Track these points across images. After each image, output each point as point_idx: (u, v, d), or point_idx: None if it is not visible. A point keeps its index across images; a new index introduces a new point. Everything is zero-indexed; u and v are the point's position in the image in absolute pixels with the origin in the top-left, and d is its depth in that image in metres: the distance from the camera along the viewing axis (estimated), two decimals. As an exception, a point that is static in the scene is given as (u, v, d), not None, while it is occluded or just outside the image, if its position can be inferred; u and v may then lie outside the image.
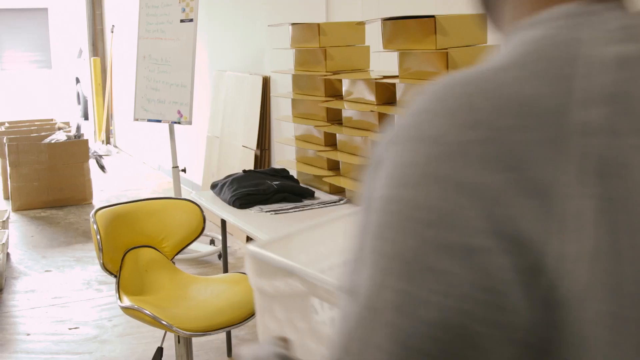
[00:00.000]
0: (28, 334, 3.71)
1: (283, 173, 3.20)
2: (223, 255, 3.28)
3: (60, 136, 6.58)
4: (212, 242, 5.03)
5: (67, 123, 7.55)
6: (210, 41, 6.17)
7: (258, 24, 5.19)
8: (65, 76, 15.69)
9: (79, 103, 13.16)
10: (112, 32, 9.52)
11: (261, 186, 2.91)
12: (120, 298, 2.59)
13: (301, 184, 3.11)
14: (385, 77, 2.84)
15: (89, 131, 10.02)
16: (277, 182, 2.98)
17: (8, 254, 4.97)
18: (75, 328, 3.78)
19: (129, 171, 8.26)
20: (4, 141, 6.34)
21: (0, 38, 20.88)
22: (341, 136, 3.06)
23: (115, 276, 2.68)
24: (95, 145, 9.58)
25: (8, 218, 5.22)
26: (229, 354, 3.40)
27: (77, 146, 6.49)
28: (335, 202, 2.94)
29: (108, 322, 3.83)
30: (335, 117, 3.15)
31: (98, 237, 2.66)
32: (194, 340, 3.32)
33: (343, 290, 0.56)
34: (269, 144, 5.06)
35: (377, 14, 3.81)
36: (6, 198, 6.68)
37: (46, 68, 20.89)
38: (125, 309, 2.54)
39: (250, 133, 5.03)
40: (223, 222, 3.15)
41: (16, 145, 6.24)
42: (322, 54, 3.21)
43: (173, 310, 2.53)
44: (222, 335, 3.49)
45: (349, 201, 2.95)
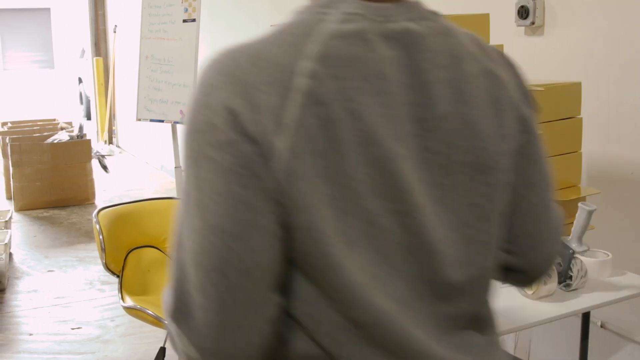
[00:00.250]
0: (31, 334, 3.72)
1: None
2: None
3: (62, 136, 6.58)
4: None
5: (70, 123, 7.55)
6: (212, 41, 6.17)
7: (260, 24, 5.19)
8: (67, 76, 15.69)
9: (82, 103, 13.18)
10: (115, 32, 9.53)
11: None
12: (122, 298, 2.59)
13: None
14: (387, 77, 2.84)
15: (92, 131, 10.02)
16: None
17: (11, 254, 4.97)
18: (77, 328, 3.78)
19: (132, 171, 8.26)
20: (7, 141, 6.35)
21: (2, 38, 20.90)
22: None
23: (117, 276, 2.68)
24: (97, 145, 9.58)
25: (11, 218, 5.22)
26: (232, 354, 3.41)
27: (80, 146, 6.50)
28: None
29: (110, 322, 3.84)
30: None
31: (101, 237, 2.67)
32: (197, 340, 3.33)
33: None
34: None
35: (380, 14, 3.82)
36: (9, 198, 6.69)
37: (49, 68, 20.90)
38: (127, 309, 2.55)
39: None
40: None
41: (19, 145, 6.25)
42: (325, 54, 3.21)
43: (175, 310, 2.54)
44: (225, 335, 3.49)
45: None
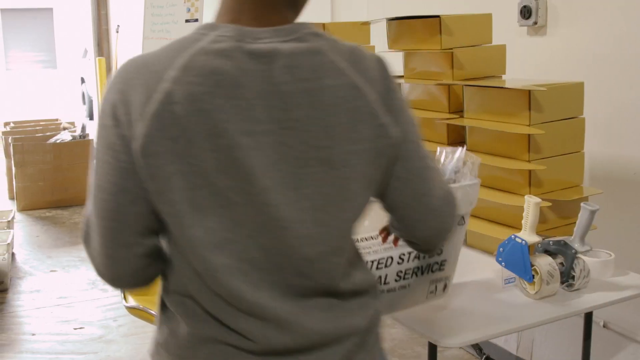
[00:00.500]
0: (33, 334, 3.72)
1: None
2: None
3: (65, 136, 6.59)
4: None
5: (73, 123, 7.56)
6: (215, 41, 6.16)
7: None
8: (70, 76, 15.69)
9: (84, 103, 13.18)
10: (117, 32, 9.53)
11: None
12: (125, 298, 2.59)
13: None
14: (390, 77, 2.83)
15: (94, 131, 10.03)
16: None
17: (13, 254, 4.98)
18: (80, 328, 3.78)
19: (134, 171, 8.27)
20: (9, 141, 6.36)
21: (5, 38, 20.90)
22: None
23: (120, 276, 2.68)
24: (100, 145, 9.58)
25: (13, 218, 5.23)
26: (234, 354, 3.40)
27: (83, 146, 6.50)
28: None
29: (113, 322, 3.84)
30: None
31: (103, 238, 2.67)
32: (199, 340, 3.33)
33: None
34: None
35: (382, 14, 3.81)
36: (11, 198, 6.69)
37: (51, 68, 20.91)
38: (130, 309, 2.54)
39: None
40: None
41: (21, 145, 6.25)
42: (327, 54, 3.20)
43: (178, 310, 2.53)
44: (227, 335, 3.49)
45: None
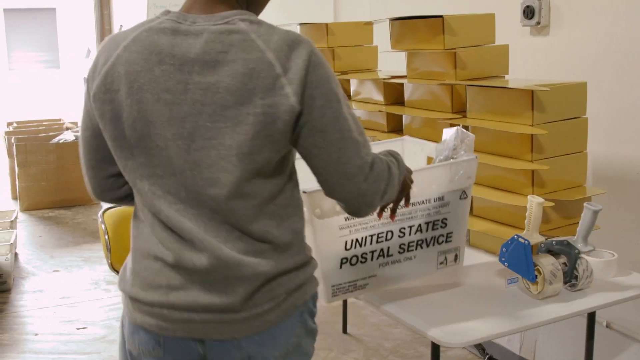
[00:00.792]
0: (36, 334, 3.72)
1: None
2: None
3: (68, 136, 6.59)
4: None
5: (75, 123, 7.56)
6: (217, 41, 6.16)
7: (265, 24, 5.18)
8: (73, 76, 15.71)
9: (87, 103, 13.19)
10: (120, 32, 9.54)
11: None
12: (128, 298, 2.59)
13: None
14: (393, 77, 2.83)
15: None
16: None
17: (16, 254, 4.98)
18: (83, 328, 3.78)
19: (137, 171, 8.26)
20: (12, 141, 6.36)
21: (8, 38, 20.93)
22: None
23: (123, 276, 2.68)
24: (103, 145, 9.58)
25: (16, 218, 5.23)
26: (237, 354, 3.40)
27: (85, 146, 6.49)
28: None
29: (116, 322, 3.84)
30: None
31: (106, 237, 2.66)
32: (202, 340, 3.32)
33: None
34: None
35: (385, 14, 3.81)
36: (14, 198, 6.70)
37: (54, 68, 20.92)
38: (133, 309, 2.54)
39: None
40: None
41: (24, 145, 6.26)
42: (330, 54, 3.20)
43: (181, 310, 2.53)
44: (230, 335, 3.49)
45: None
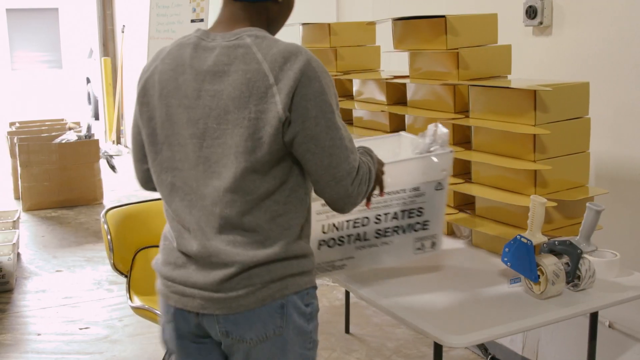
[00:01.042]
0: (39, 334, 3.72)
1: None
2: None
3: (70, 136, 6.59)
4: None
5: (78, 123, 7.57)
6: (220, 41, 6.16)
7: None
8: (75, 76, 15.73)
9: (90, 103, 13.21)
10: (123, 32, 9.54)
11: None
12: (130, 298, 2.59)
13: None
14: (395, 77, 2.83)
15: (100, 131, 10.04)
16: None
17: (19, 254, 4.98)
18: (85, 328, 3.78)
19: (139, 171, 8.26)
20: (15, 141, 6.37)
21: (11, 38, 20.94)
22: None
23: (125, 276, 2.68)
24: (106, 145, 9.60)
25: (19, 218, 5.23)
26: (239, 354, 3.40)
27: (88, 146, 6.51)
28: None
29: (119, 322, 3.84)
30: (345, 118, 3.13)
31: (109, 237, 2.67)
32: (204, 340, 3.31)
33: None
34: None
35: (388, 14, 3.80)
36: (17, 198, 6.71)
37: (57, 68, 20.96)
38: (135, 309, 2.54)
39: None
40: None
41: (27, 145, 6.27)
42: (333, 54, 3.20)
43: (183, 310, 2.53)
44: (232, 335, 3.48)
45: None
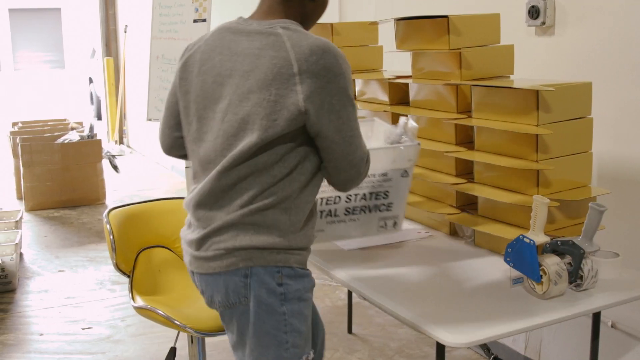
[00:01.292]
0: (41, 334, 3.73)
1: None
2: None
3: (73, 136, 6.60)
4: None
5: (80, 123, 7.58)
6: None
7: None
8: (78, 76, 15.74)
9: (92, 103, 13.22)
10: (125, 32, 9.55)
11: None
12: (133, 298, 2.59)
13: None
14: (398, 77, 2.83)
15: (102, 131, 10.05)
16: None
17: (21, 254, 4.99)
18: (88, 328, 3.79)
19: (142, 171, 8.28)
20: (18, 141, 6.37)
21: (13, 38, 20.97)
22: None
23: (128, 276, 2.68)
24: (108, 145, 9.61)
25: (21, 218, 5.24)
26: (242, 355, 3.40)
27: (90, 146, 6.51)
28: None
29: (121, 322, 3.84)
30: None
31: (111, 237, 2.67)
32: (207, 340, 3.32)
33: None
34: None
35: (390, 14, 3.80)
36: (19, 198, 6.71)
37: (59, 68, 20.99)
38: (138, 309, 2.54)
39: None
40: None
41: (29, 145, 6.27)
42: (335, 54, 3.19)
43: (186, 310, 2.53)
44: (235, 335, 3.48)
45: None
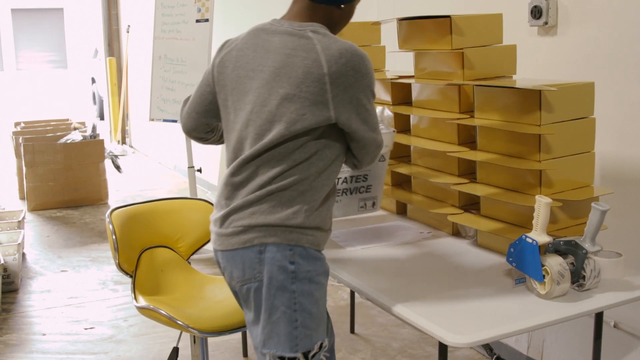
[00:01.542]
0: (44, 334, 3.73)
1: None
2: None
3: (75, 136, 6.60)
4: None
5: (83, 123, 7.58)
6: (225, 41, 6.16)
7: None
8: (81, 76, 15.76)
9: (95, 103, 13.23)
10: (128, 32, 9.56)
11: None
12: (135, 298, 2.59)
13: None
14: (401, 77, 2.82)
15: (105, 131, 10.06)
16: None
17: (24, 254, 4.99)
18: (91, 328, 3.79)
19: (145, 171, 8.29)
20: (20, 141, 6.38)
21: (16, 38, 20.99)
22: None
23: (130, 276, 2.68)
24: (111, 145, 9.61)
25: (24, 218, 5.24)
26: (245, 354, 3.40)
27: (93, 146, 6.52)
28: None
29: (124, 322, 3.84)
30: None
31: (114, 237, 2.67)
32: (210, 340, 3.32)
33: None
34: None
35: (393, 14, 3.80)
36: (22, 198, 6.72)
37: (62, 68, 21.01)
38: (140, 309, 2.55)
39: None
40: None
41: (32, 145, 6.28)
42: (338, 54, 3.19)
43: (189, 310, 2.53)
44: (238, 335, 3.49)
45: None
